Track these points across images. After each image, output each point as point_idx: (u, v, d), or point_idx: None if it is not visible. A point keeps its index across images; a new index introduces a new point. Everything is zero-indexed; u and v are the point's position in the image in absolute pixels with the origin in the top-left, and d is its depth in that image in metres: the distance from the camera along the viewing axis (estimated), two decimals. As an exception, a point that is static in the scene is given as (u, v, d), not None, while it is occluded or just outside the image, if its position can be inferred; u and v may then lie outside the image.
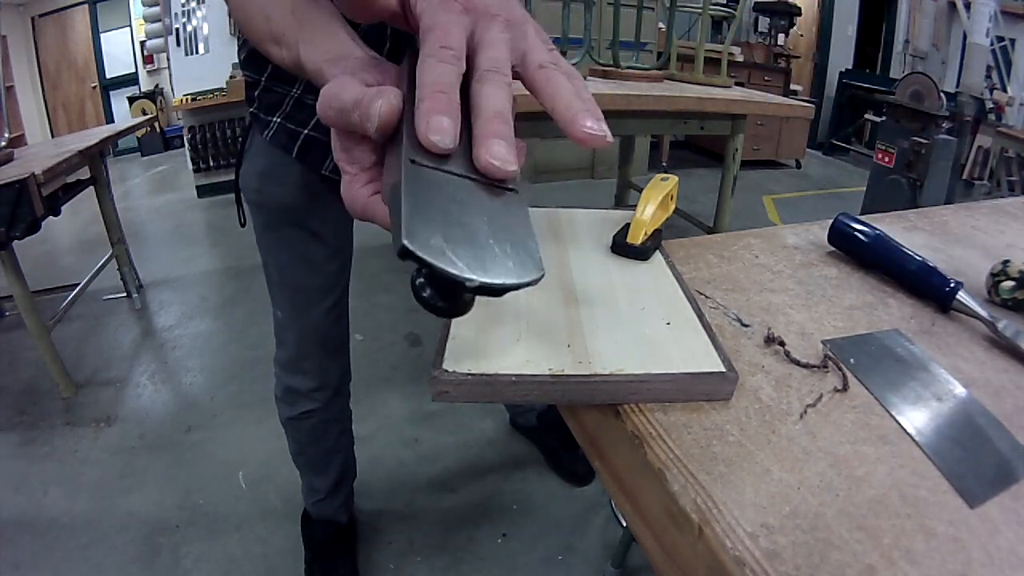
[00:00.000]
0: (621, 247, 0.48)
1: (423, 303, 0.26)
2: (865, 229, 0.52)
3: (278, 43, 0.41)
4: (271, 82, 0.76)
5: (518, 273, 0.24)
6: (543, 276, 0.25)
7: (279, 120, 0.75)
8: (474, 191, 0.26)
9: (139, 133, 4.82)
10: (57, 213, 1.60)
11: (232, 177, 0.88)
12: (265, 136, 0.77)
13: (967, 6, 3.39)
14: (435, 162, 0.26)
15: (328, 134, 0.84)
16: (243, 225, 0.92)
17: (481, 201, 0.26)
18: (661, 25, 3.47)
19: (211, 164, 3.73)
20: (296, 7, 0.40)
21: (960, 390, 0.36)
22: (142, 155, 5.16)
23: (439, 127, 0.25)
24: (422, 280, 0.25)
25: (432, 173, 0.26)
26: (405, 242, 0.22)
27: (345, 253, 0.91)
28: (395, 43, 0.67)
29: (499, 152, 0.26)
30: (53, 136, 4.81)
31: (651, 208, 0.48)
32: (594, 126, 0.28)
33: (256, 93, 0.77)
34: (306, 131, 0.75)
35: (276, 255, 0.87)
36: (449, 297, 0.26)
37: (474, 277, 0.23)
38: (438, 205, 0.25)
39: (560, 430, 1.47)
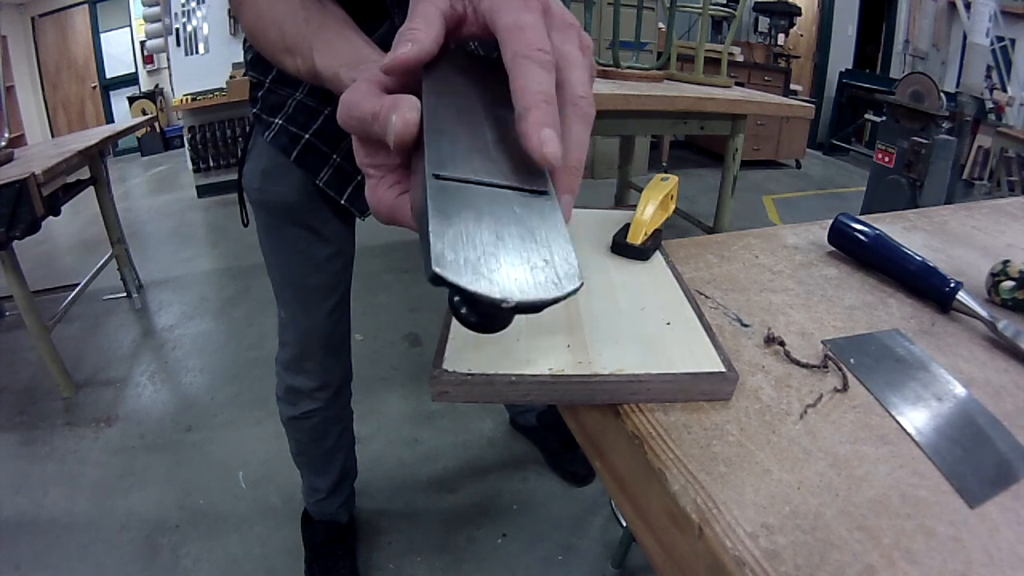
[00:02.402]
0: (621, 247, 0.48)
1: (462, 321, 0.25)
2: (865, 229, 0.52)
3: (292, 53, 0.41)
4: (275, 84, 0.76)
5: (556, 287, 0.23)
6: (582, 285, 0.24)
7: (280, 122, 0.76)
8: (505, 200, 0.25)
9: (139, 133, 4.83)
10: (57, 213, 1.60)
11: (232, 177, 0.89)
12: (266, 137, 0.77)
13: (967, 6, 3.39)
14: (462, 173, 0.25)
15: (326, 143, 0.85)
16: (245, 225, 0.92)
17: (513, 211, 0.25)
18: (661, 25, 3.47)
19: (211, 164, 3.73)
20: (309, 17, 0.40)
21: (960, 390, 0.36)
22: (142, 155, 5.16)
23: (551, 142, 0.24)
24: (459, 299, 0.24)
25: (459, 187, 0.25)
26: (435, 268, 0.21)
27: (346, 253, 0.91)
28: None
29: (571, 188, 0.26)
30: (53, 136, 4.82)
31: (651, 208, 0.48)
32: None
33: (260, 94, 0.78)
34: (307, 136, 0.76)
35: (278, 254, 0.87)
36: (487, 317, 0.25)
37: (510, 298, 0.22)
38: (467, 223, 0.23)
39: (560, 430, 1.47)
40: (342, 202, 0.80)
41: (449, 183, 0.24)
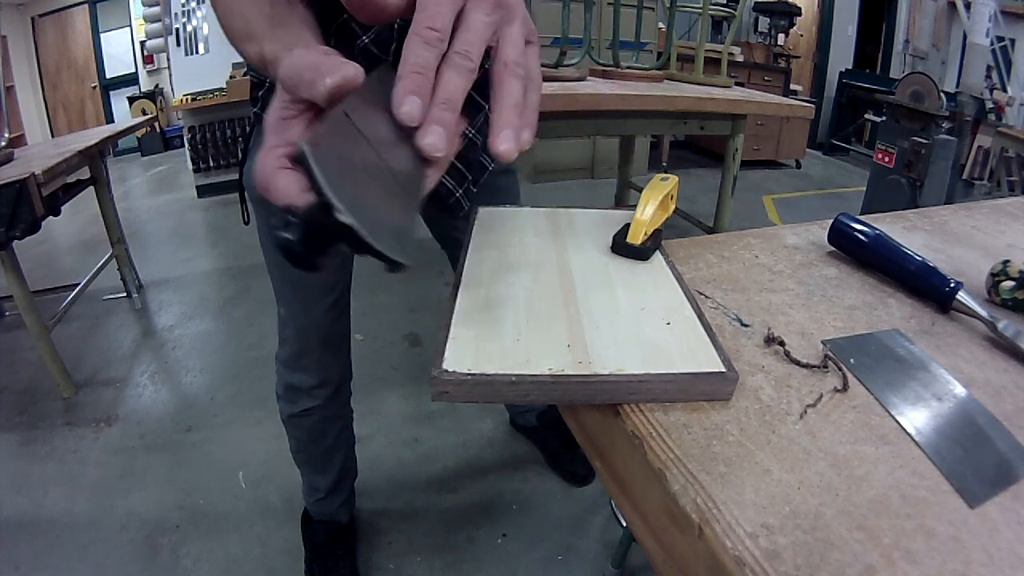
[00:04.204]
0: (621, 247, 0.48)
1: (279, 242, 0.27)
2: (865, 229, 0.52)
3: (251, 40, 0.45)
4: (276, 83, 0.77)
5: (388, 245, 0.25)
6: (406, 267, 0.26)
7: None
8: (387, 156, 0.29)
9: (139, 133, 4.83)
10: (57, 213, 1.60)
11: (232, 177, 0.89)
12: None
13: (967, 6, 3.39)
14: (363, 126, 0.29)
15: None
16: (247, 223, 0.92)
17: (389, 170, 0.29)
18: (661, 25, 3.47)
19: (211, 164, 3.72)
20: (273, 14, 0.45)
21: (960, 390, 0.36)
22: (142, 155, 5.16)
23: (410, 103, 0.28)
24: (291, 216, 0.26)
25: (357, 131, 0.29)
26: (305, 147, 0.24)
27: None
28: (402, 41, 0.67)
29: (434, 140, 0.29)
30: (53, 136, 4.81)
31: (651, 208, 0.48)
32: (506, 148, 0.31)
33: (260, 93, 0.78)
34: None
35: (277, 252, 0.88)
36: (308, 234, 0.26)
37: (350, 220, 0.24)
38: (349, 151, 0.27)
39: (560, 430, 1.47)
40: None
41: (353, 125, 0.29)
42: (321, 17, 0.63)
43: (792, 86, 5.06)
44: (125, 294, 2.31)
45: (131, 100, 5.08)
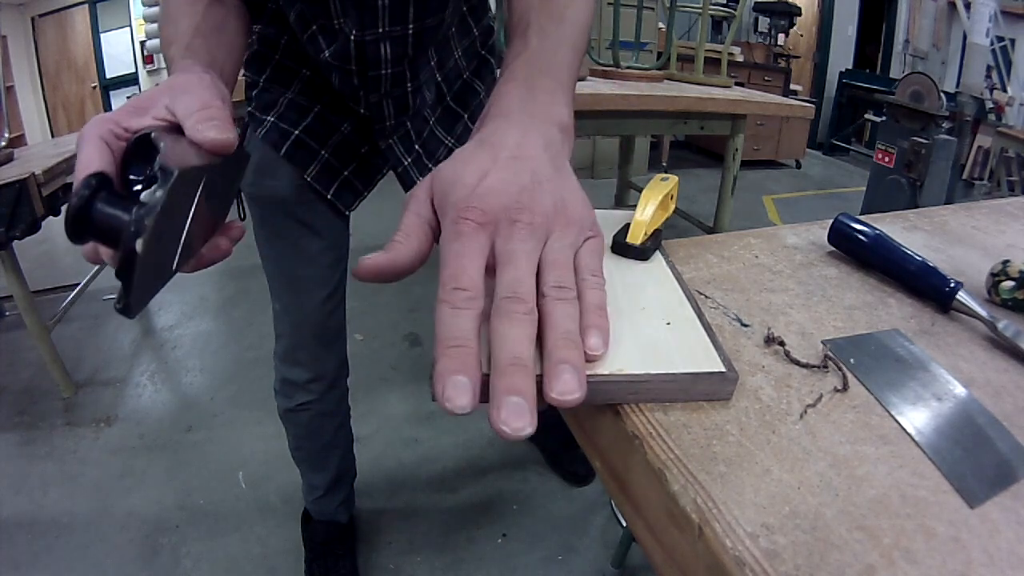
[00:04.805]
0: (621, 247, 0.47)
1: (76, 200, 0.28)
2: (865, 229, 0.52)
3: (172, 45, 0.49)
4: (268, 84, 0.78)
5: (143, 290, 0.29)
6: (129, 315, 0.29)
7: (272, 119, 0.78)
8: (191, 232, 0.33)
9: (139, 133, 4.81)
10: (57, 213, 1.60)
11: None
12: (258, 134, 0.79)
13: (967, 6, 3.39)
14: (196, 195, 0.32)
15: (316, 139, 0.88)
16: (243, 219, 0.93)
17: (185, 244, 0.33)
18: (661, 25, 3.47)
19: (211, 164, 3.72)
20: (201, 25, 0.50)
21: (960, 390, 0.36)
22: (142, 155, 5.16)
23: (454, 392, 0.25)
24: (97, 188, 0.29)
25: (193, 195, 0.32)
26: (175, 170, 0.27)
27: (340, 247, 0.92)
28: (361, 54, 0.68)
29: (513, 418, 0.25)
30: (53, 136, 4.81)
31: (651, 208, 0.48)
32: (561, 394, 0.26)
33: (254, 93, 0.80)
34: (296, 132, 0.78)
35: (271, 246, 0.89)
36: (101, 219, 0.29)
37: (141, 249, 0.26)
38: (182, 204, 0.30)
39: (560, 430, 1.47)
40: (328, 196, 0.82)
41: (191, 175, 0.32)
42: (298, 24, 0.66)
43: (792, 86, 5.06)
44: (125, 294, 2.31)
45: (131, 100, 5.07)
